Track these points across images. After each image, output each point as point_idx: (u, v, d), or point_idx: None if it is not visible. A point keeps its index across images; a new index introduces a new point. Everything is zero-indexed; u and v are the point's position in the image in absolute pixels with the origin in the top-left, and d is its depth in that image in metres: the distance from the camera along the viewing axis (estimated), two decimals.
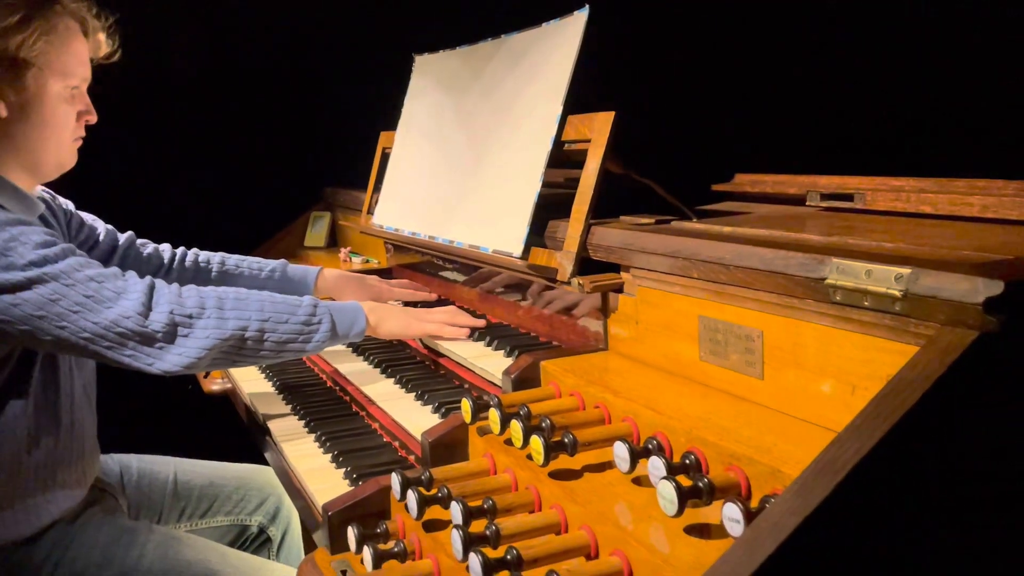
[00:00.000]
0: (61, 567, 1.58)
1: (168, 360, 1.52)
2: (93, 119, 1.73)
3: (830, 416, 1.04)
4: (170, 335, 1.52)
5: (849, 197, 1.53)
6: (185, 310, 1.53)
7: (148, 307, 1.51)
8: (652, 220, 1.51)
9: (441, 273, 2.19)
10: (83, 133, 1.73)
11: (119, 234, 2.06)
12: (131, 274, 1.58)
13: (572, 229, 1.49)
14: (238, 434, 2.30)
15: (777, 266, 1.06)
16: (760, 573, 0.73)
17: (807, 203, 1.61)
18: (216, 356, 1.56)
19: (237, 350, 1.58)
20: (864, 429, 0.80)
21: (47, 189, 1.87)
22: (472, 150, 1.89)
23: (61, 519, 1.63)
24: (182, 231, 2.29)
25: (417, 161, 2.17)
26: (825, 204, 1.57)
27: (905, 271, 0.89)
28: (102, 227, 2.02)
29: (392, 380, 1.83)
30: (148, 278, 1.57)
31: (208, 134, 3.17)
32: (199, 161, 3.21)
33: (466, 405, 1.35)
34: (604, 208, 1.51)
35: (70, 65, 1.64)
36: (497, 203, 1.73)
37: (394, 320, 1.79)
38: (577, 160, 1.56)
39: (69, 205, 1.95)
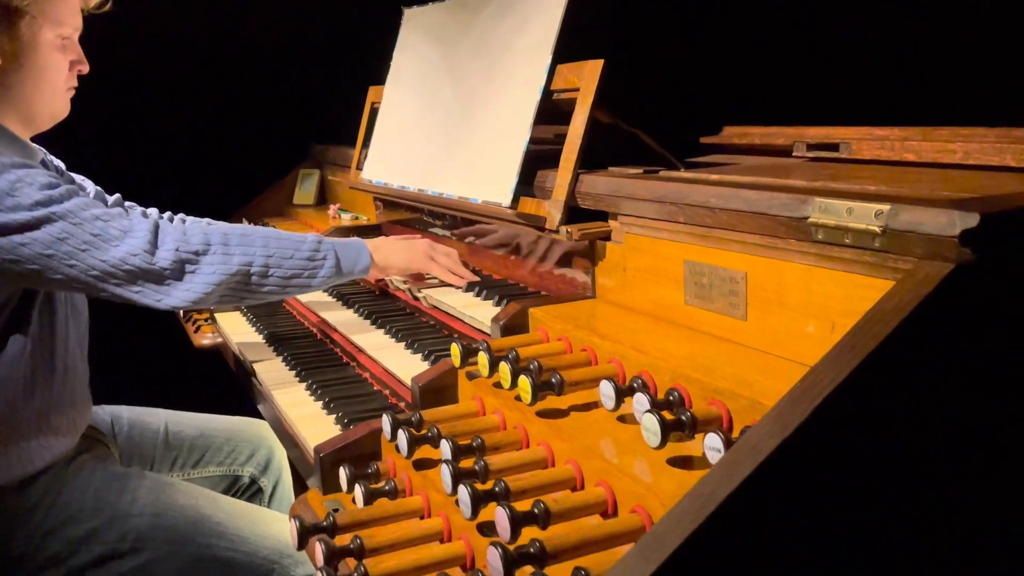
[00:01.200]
0: (53, 511, 1.60)
1: (176, 296, 1.56)
2: (85, 69, 1.74)
3: (811, 354, 1.06)
4: (177, 272, 1.55)
5: (835, 147, 1.54)
6: (191, 247, 1.56)
7: (155, 244, 1.54)
8: (640, 171, 1.52)
9: (431, 229, 2.20)
10: (76, 83, 1.73)
11: (107, 196, 2.07)
12: (135, 213, 1.61)
13: (560, 178, 1.50)
14: (228, 388, 2.33)
15: (761, 207, 1.07)
16: (738, 493, 0.76)
17: (793, 154, 1.63)
18: (223, 292, 1.60)
19: (244, 286, 1.61)
20: (841, 358, 0.82)
21: (40, 148, 1.88)
22: (461, 102, 1.89)
23: (54, 464, 1.65)
24: (171, 189, 2.29)
25: (406, 115, 2.17)
26: (811, 154, 1.58)
27: (885, 207, 0.91)
28: (91, 188, 2.02)
29: (382, 331, 1.84)
30: (152, 217, 1.60)
31: (195, 92, 3.15)
32: (187, 119, 3.18)
33: (455, 350, 1.37)
34: (592, 163, 1.52)
35: (63, 14, 1.64)
36: (486, 154, 1.73)
37: (399, 256, 1.82)
38: (566, 111, 1.57)
39: (60, 165, 1.95)
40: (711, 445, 0.93)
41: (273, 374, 1.85)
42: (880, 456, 0.82)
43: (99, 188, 2.05)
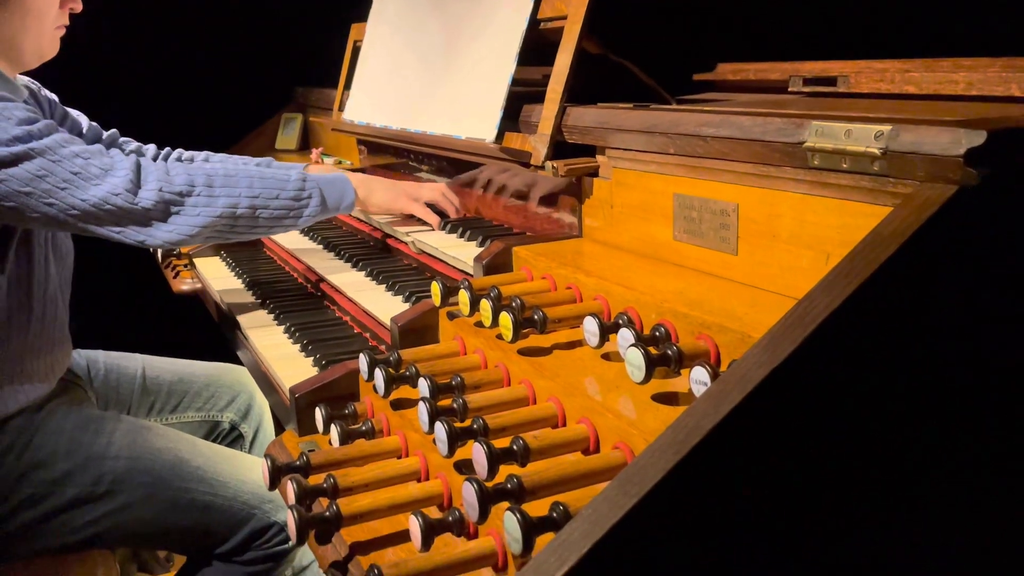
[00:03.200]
0: (27, 453, 1.56)
1: (159, 237, 1.53)
2: (78, 7, 1.68)
3: (805, 288, 1.00)
4: (161, 212, 1.52)
5: (832, 81, 1.48)
6: (174, 187, 1.53)
7: (137, 184, 1.50)
8: (630, 106, 1.46)
9: (417, 173, 2.14)
10: (66, 21, 1.68)
11: (103, 131, 2.01)
12: (115, 151, 1.56)
13: (547, 110, 1.44)
14: (208, 335, 2.28)
15: (755, 133, 1.02)
16: (725, 424, 0.72)
17: (789, 89, 1.57)
18: (209, 234, 1.57)
19: (230, 227, 1.58)
20: (835, 284, 0.77)
21: (33, 80, 1.82)
22: (445, 35, 1.82)
23: (28, 407, 1.61)
24: (152, 135, 2.21)
25: (389, 51, 2.09)
26: (808, 89, 1.53)
27: (885, 128, 0.86)
28: (86, 122, 1.97)
29: (363, 273, 1.79)
30: (133, 156, 1.56)
31: (175, 36, 3.05)
32: (167, 64, 3.09)
33: (436, 288, 1.32)
34: (581, 100, 1.45)
35: None
36: (471, 89, 1.67)
37: (382, 192, 1.79)
38: (555, 44, 1.50)
39: (53, 98, 1.88)
40: (697, 379, 0.89)
41: (252, 318, 1.80)
42: (874, 388, 0.78)
43: (94, 123, 1.99)
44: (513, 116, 1.56)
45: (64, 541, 1.58)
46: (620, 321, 1.08)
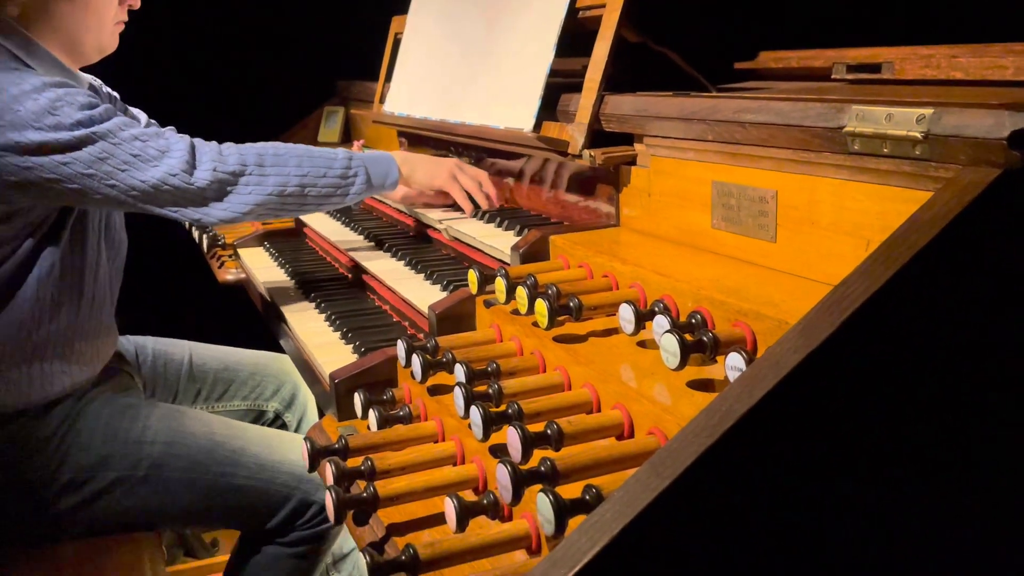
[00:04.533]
0: (67, 438, 1.61)
1: (214, 215, 1.60)
2: (136, 3, 1.74)
3: (844, 274, 0.99)
4: (215, 192, 1.58)
5: (877, 68, 1.45)
6: (227, 167, 1.59)
7: (192, 164, 1.57)
8: (669, 94, 1.45)
9: None
10: (125, 17, 1.74)
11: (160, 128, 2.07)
12: (170, 131, 1.63)
13: (584, 99, 1.44)
14: (252, 324, 2.32)
15: (794, 118, 1.01)
16: (758, 409, 0.72)
17: (832, 76, 1.54)
18: (261, 212, 1.63)
19: (280, 205, 1.64)
20: (873, 270, 0.76)
21: (95, 78, 1.88)
22: (484, 25, 1.82)
23: (71, 394, 1.66)
24: (197, 130, 2.26)
25: (428, 43, 2.10)
26: (852, 76, 1.50)
27: (927, 111, 0.84)
28: (144, 119, 2.03)
29: (402, 262, 1.81)
30: (187, 137, 1.62)
31: (220, 30, 3.10)
32: (211, 59, 3.14)
33: (472, 276, 1.33)
34: (619, 89, 1.45)
35: None
36: (509, 78, 1.67)
37: (424, 169, 1.82)
38: (593, 30, 1.49)
39: (115, 94, 1.94)
40: (733, 365, 0.89)
41: (294, 307, 1.83)
42: (910, 375, 0.77)
43: (153, 121, 2.04)
44: (551, 106, 1.57)
45: (107, 524, 1.63)
46: (656, 308, 1.08)
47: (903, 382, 0.76)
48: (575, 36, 1.56)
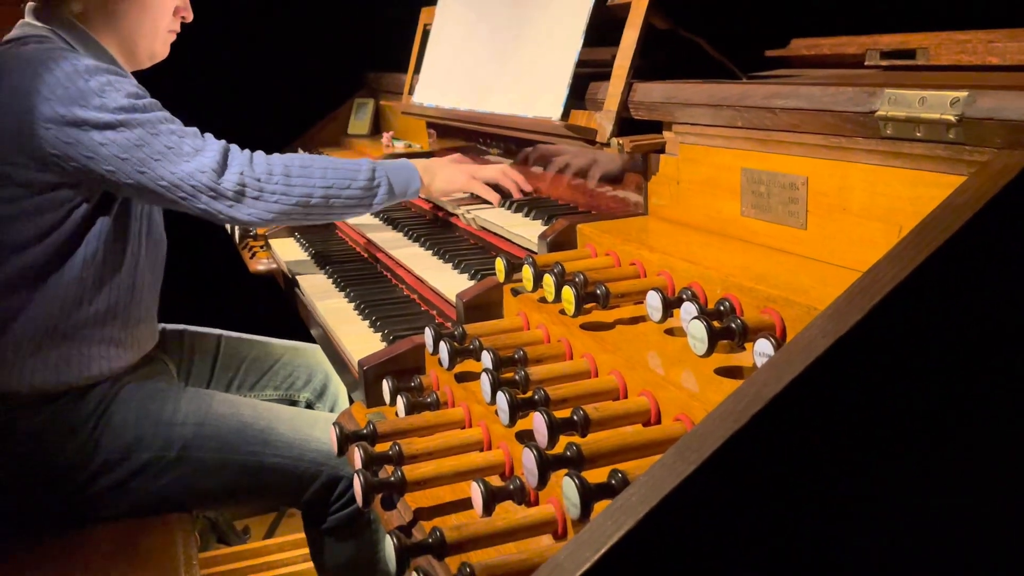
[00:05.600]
0: (102, 422, 1.66)
1: (239, 218, 1.66)
2: (189, 17, 1.84)
3: (875, 261, 0.99)
4: (240, 195, 1.63)
5: (911, 54, 1.43)
6: (255, 174, 1.64)
7: (223, 166, 1.62)
8: (699, 81, 1.44)
9: (486, 156, 2.15)
10: (178, 28, 1.83)
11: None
12: (209, 136, 1.68)
13: (612, 87, 1.43)
14: (284, 313, 2.34)
15: (825, 103, 1.00)
16: (786, 394, 0.71)
17: (866, 63, 1.52)
18: (286, 220, 1.70)
19: (305, 214, 1.70)
20: (904, 254, 0.75)
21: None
22: (513, 15, 1.82)
23: (108, 378, 1.69)
24: (227, 121, 2.28)
25: (457, 33, 2.11)
26: (885, 63, 1.47)
27: (961, 94, 0.83)
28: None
29: (430, 252, 1.82)
30: (223, 141, 1.67)
31: (251, 25, 3.13)
32: (244, 52, 3.17)
33: (500, 264, 1.33)
34: (648, 78, 1.44)
35: None
36: (537, 67, 1.67)
37: (444, 175, 1.86)
38: (622, 18, 1.49)
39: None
40: (761, 351, 0.88)
41: (323, 296, 1.85)
42: (942, 361, 0.76)
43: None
44: (580, 95, 1.56)
45: (141, 505, 1.67)
46: (684, 296, 1.07)
47: (934, 368, 0.75)
48: (604, 26, 1.56)
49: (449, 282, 1.60)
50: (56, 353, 1.62)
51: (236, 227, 2.55)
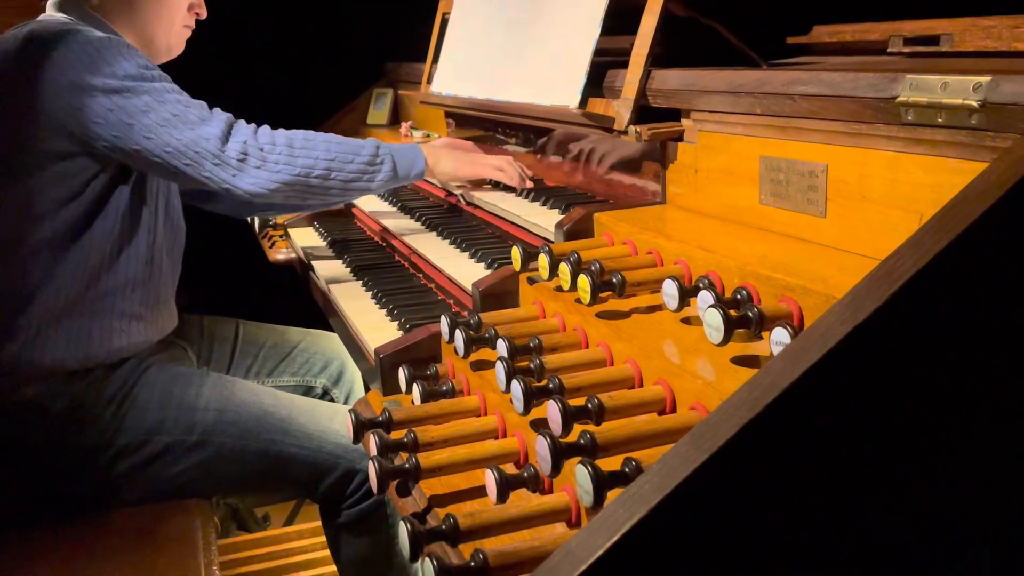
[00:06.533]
0: (124, 404, 1.68)
1: (241, 187, 1.64)
2: (203, 14, 1.87)
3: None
4: (243, 163, 1.63)
5: (935, 40, 1.40)
6: (258, 143, 1.65)
7: (227, 135, 1.63)
8: (718, 69, 1.42)
9: (504, 147, 2.15)
10: (192, 24, 1.87)
11: None
12: (216, 110, 1.69)
13: (631, 74, 1.42)
14: (302, 303, 2.35)
15: (846, 89, 0.98)
16: (802, 382, 0.70)
17: (889, 50, 1.49)
18: (288, 193, 1.67)
19: (306, 187, 1.68)
20: (925, 241, 0.74)
21: None
22: (531, 3, 1.81)
23: (132, 357, 1.71)
24: (246, 112, 2.29)
25: (476, 22, 2.10)
26: (909, 49, 1.45)
27: (984, 79, 0.81)
28: None
29: (447, 241, 1.82)
30: (229, 114, 1.69)
31: (270, 15, 3.13)
32: (263, 42, 3.18)
33: (516, 253, 1.33)
34: (667, 65, 1.43)
35: None
36: (555, 56, 1.66)
37: (449, 160, 1.85)
38: (640, 6, 1.47)
39: None
40: (778, 340, 0.87)
41: (342, 285, 1.86)
42: (962, 350, 0.74)
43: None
44: (598, 83, 1.55)
45: (160, 489, 1.69)
46: (701, 284, 1.06)
47: (954, 357, 0.74)
48: (622, 14, 1.54)
49: (466, 271, 1.60)
50: (77, 325, 1.65)
51: (256, 217, 2.56)
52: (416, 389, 1.24)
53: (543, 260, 1.25)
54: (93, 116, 1.58)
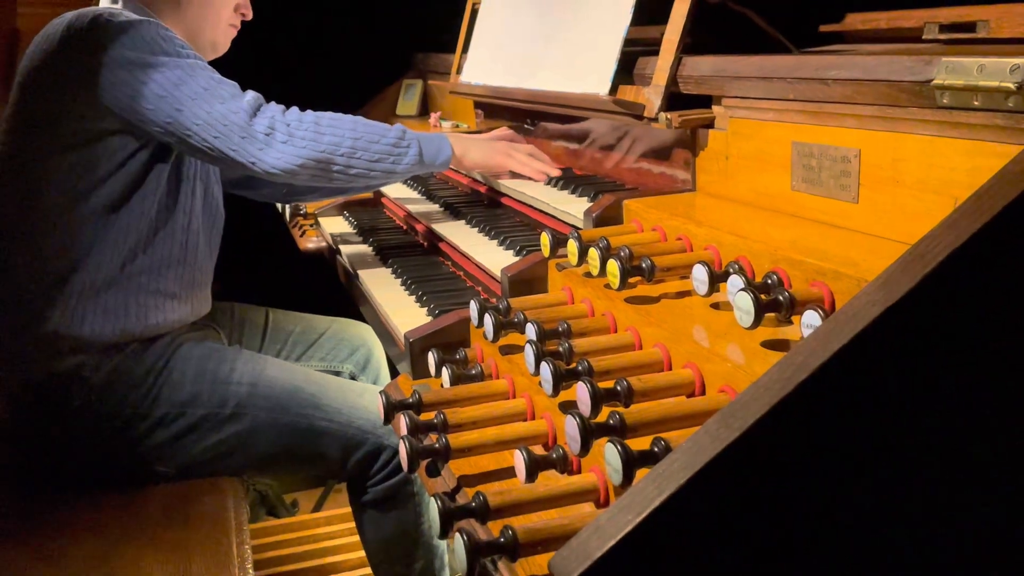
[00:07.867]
0: (161, 377, 1.71)
1: (267, 161, 1.65)
2: (248, 14, 1.92)
3: None
4: (270, 138, 1.65)
5: (971, 27, 1.38)
6: (285, 120, 1.68)
7: (255, 111, 1.67)
8: (749, 56, 1.42)
9: (532, 135, 2.15)
10: (238, 24, 1.91)
11: None
12: (249, 91, 1.73)
13: (662, 60, 1.42)
14: (333, 292, 2.38)
15: (880, 73, 0.98)
16: (833, 362, 0.70)
17: (924, 37, 1.48)
18: (313, 170, 1.68)
19: (331, 164, 1.69)
20: (960, 222, 0.74)
21: None
22: None
23: (168, 333, 1.76)
24: (275, 101, 2.31)
25: (505, 12, 2.10)
26: (944, 36, 1.43)
27: (1021, 61, 0.81)
28: None
29: (476, 229, 1.83)
30: (258, 93, 1.72)
31: (300, 7, 3.16)
32: (291, 34, 3.21)
33: (545, 239, 1.33)
34: (698, 53, 1.42)
35: None
36: (585, 43, 1.66)
37: (477, 151, 1.85)
38: None
39: None
40: (809, 322, 0.87)
41: (371, 272, 1.87)
42: (997, 332, 0.74)
43: None
44: (628, 71, 1.55)
45: (196, 460, 1.73)
46: (731, 269, 1.06)
47: (987, 339, 0.73)
48: (652, 5, 1.54)
49: (495, 258, 1.61)
50: (114, 300, 1.68)
51: (287, 205, 2.59)
52: (445, 372, 1.25)
53: (572, 246, 1.26)
54: (128, 91, 1.62)
